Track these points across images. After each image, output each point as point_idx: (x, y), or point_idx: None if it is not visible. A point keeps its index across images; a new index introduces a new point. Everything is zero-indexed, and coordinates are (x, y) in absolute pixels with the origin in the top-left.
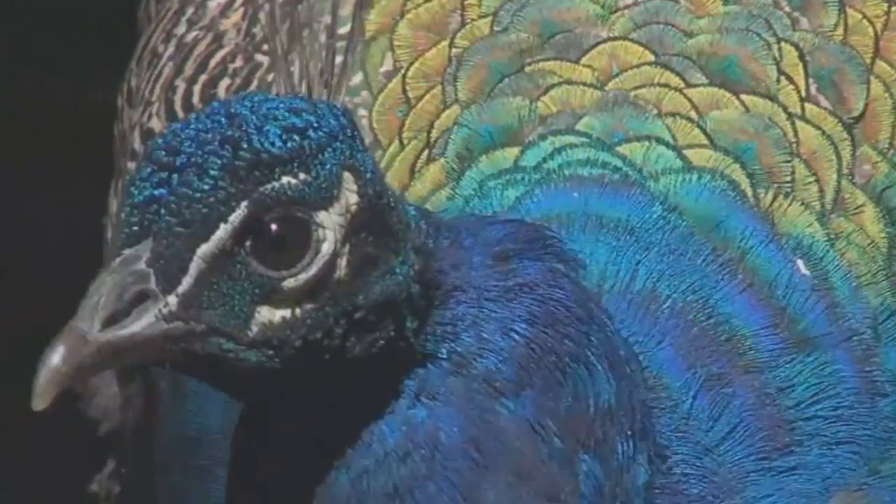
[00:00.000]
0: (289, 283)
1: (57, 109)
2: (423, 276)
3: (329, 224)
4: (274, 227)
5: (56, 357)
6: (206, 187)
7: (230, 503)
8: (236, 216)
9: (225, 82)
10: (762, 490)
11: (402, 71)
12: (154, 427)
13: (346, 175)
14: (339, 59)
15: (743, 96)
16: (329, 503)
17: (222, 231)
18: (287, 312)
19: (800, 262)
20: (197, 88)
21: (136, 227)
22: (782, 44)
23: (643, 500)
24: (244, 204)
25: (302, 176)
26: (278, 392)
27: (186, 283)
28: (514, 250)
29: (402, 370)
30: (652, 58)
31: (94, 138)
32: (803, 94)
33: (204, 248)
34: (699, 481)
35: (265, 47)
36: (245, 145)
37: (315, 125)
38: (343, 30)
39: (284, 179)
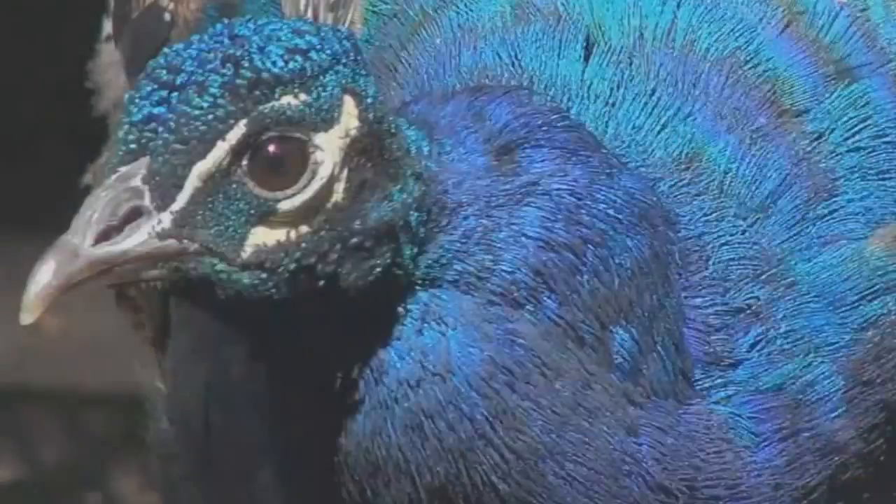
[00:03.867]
0: (285, 204)
1: None
2: (423, 202)
3: (327, 147)
4: (272, 146)
5: (46, 271)
6: (205, 105)
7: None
8: (234, 134)
9: None
10: (802, 244)
11: None
12: None
13: (347, 99)
14: None
15: None
16: (354, 439)
17: (219, 149)
18: (282, 235)
19: None
20: None
21: (133, 145)
22: None
23: (683, 319)
24: (243, 122)
25: (302, 97)
26: (281, 322)
27: (181, 200)
28: (517, 141)
29: (407, 297)
30: None
31: None
32: None
33: (200, 166)
34: (742, 262)
35: None
36: (246, 64)
37: (318, 47)
38: None
39: (284, 100)
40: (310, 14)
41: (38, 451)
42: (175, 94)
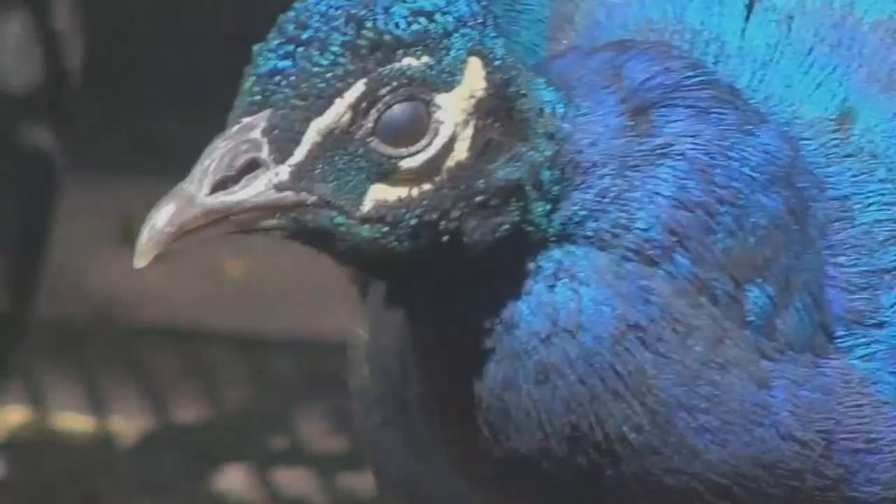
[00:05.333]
0: (406, 162)
1: None
2: (555, 161)
3: (449, 107)
4: (394, 106)
5: (162, 217)
6: (325, 62)
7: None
8: (352, 93)
9: None
10: None
11: None
12: None
13: (474, 60)
14: None
15: None
16: (487, 386)
17: (338, 106)
18: (403, 191)
19: None
20: None
21: (256, 97)
22: None
23: (823, 274)
24: (362, 81)
25: (424, 59)
26: (409, 272)
27: (299, 154)
28: (651, 100)
29: (539, 253)
30: None
31: None
32: None
33: (319, 122)
34: (888, 224)
35: None
36: (369, 24)
37: (444, 9)
38: None
39: (406, 61)
40: None
41: (224, 393)
42: (300, 49)
